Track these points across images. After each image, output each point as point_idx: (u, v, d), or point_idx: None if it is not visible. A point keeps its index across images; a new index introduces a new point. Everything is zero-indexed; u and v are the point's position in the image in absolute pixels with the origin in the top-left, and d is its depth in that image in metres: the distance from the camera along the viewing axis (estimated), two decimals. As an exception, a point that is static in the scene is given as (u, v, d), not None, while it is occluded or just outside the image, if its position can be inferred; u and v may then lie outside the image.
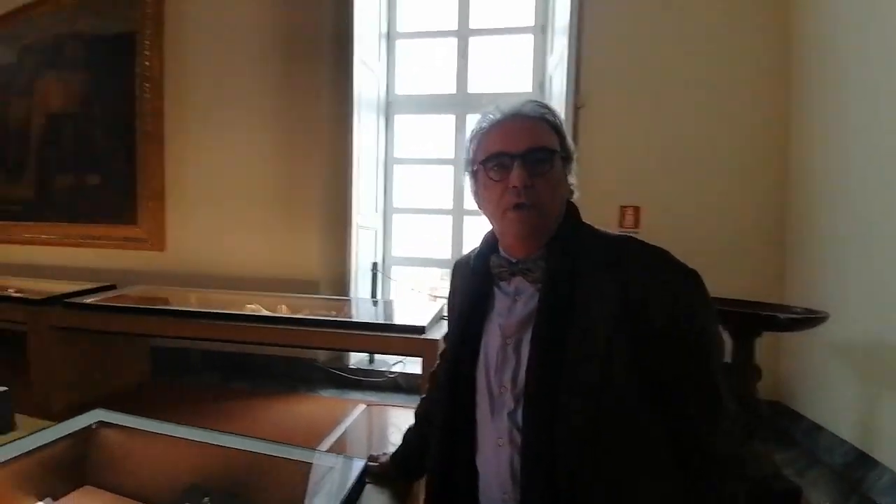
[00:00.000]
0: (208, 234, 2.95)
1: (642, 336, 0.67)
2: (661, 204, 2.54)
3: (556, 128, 0.77)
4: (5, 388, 0.78)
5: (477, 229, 3.41)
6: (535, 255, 0.75)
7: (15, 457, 0.63)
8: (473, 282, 0.81)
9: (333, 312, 2.29)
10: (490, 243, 0.84)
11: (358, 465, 0.74)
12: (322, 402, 2.51)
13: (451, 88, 3.21)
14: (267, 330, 2.04)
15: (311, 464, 0.71)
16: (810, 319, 1.56)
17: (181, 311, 2.27)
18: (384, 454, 1.02)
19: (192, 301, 2.57)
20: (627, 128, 2.58)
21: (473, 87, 3.19)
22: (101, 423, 0.76)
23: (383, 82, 3.16)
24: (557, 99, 2.68)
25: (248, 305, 2.41)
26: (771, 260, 2.44)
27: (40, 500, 0.65)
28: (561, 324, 0.68)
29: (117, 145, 3.04)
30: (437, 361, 0.95)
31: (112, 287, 2.64)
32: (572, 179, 0.78)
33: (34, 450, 0.66)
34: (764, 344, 1.62)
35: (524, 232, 0.74)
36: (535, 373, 0.68)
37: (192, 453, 0.73)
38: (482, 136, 0.77)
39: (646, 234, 2.49)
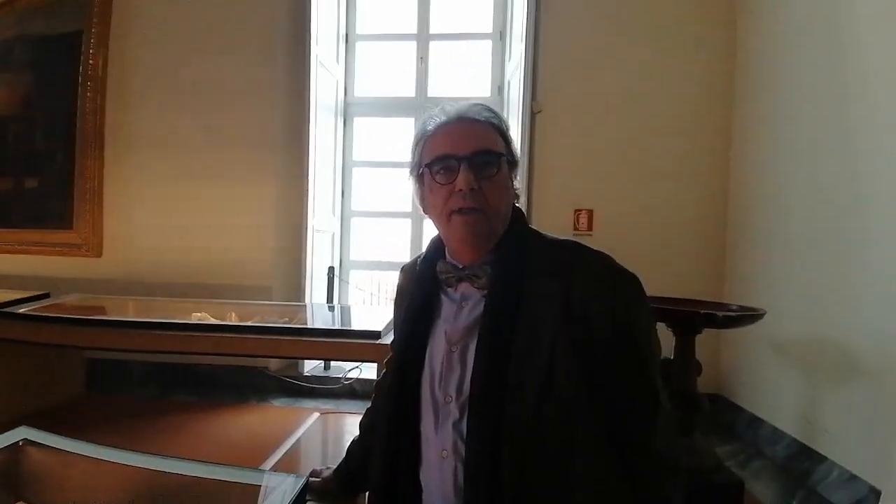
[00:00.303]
0: (151, 240, 2.79)
1: (584, 341, 0.67)
2: (613, 207, 2.61)
3: (501, 132, 0.77)
4: None
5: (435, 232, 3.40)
6: (482, 260, 0.74)
7: None
8: (420, 287, 0.80)
9: (286, 319, 2.21)
10: (437, 248, 0.83)
11: (298, 482, 0.71)
12: (274, 411, 2.41)
13: (411, 92, 3.20)
14: (214, 339, 1.93)
15: (248, 484, 0.67)
16: (747, 317, 1.63)
17: (119, 321, 2.13)
18: (327, 468, 0.98)
19: (132, 310, 2.43)
20: (582, 132, 2.65)
21: (433, 91, 3.19)
22: (27, 441, 0.69)
23: (342, 84, 3.11)
24: (515, 104, 2.72)
25: (195, 314, 2.29)
26: (712, 259, 2.56)
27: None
28: (506, 331, 0.67)
29: (56, 147, 2.85)
30: (383, 370, 0.92)
31: (46, 296, 2.45)
32: (517, 184, 0.79)
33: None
34: (704, 340, 1.68)
35: (470, 237, 0.73)
36: (479, 381, 0.67)
37: (121, 476, 0.67)
38: (427, 138, 0.76)
39: (598, 235, 2.56)
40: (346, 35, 3.15)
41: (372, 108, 3.23)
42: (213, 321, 2.21)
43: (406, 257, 3.10)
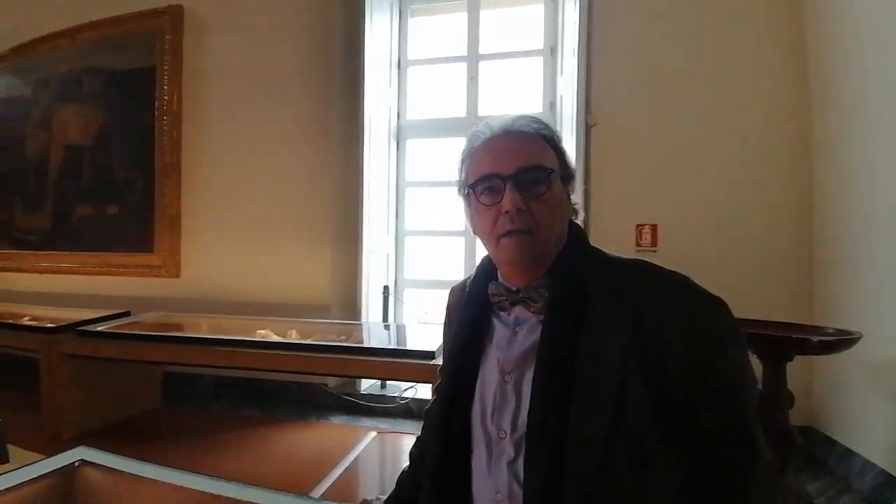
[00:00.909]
0: (222, 261, 2.97)
1: (660, 375, 0.59)
2: (679, 221, 2.47)
3: (553, 144, 0.70)
4: None
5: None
6: (537, 282, 0.68)
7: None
8: (470, 310, 0.74)
9: (343, 337, 2.25)
10: (487, 269, 0.77)
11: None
12: (333, 429, 2.45)
13: (462, 112, 3.23)
14: (276, 356, 2.02)
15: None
16: (844, 341, 1.47)
17: (191, 337, 2.27)
18: (378, 499, 0.95)
19: (205, 327, 2.57)
20: (641, 144, 2.55)
21: (483, 111, 3.21)
22: (84, 462, 0.72)
23: (394, 108, 3.20)
24: (568, 118, 2.67)
25: (259, 331, 2.40)
26: (796, 277, 2.33)
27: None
28: (566, 360, 0.61)
29: (135, 176, 3.11)
30: (433, 397, 0.87)
31: (126, 314, 2.66)
32: (575, 198, 0.72)
33: (15, 486, 0.63)
34: (794, 367, 1.52)
35: (521, 260, 0.68)
36: (536, 419, 0.60)
37: (176, 499, 0.68)
38: (472, 155, 0.70)
39: (664, 252, 2.43)
40: (399, 61, 3.25)
41: (424, 130, 3.29)
42: (275, 338, 2.30)
43: (460, 275, 3.09)
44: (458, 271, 3.11)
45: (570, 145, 2.66)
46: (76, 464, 0.72)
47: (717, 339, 0.62)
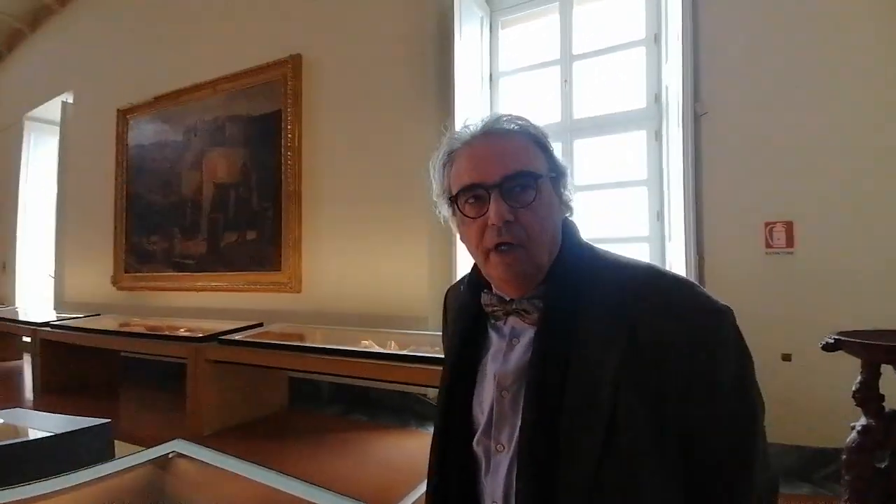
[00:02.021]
0: (334, 276, 3.25)
1: (656, 394, 0.55)
2: (821, 217, 2.07)
3: (538, 142, 0.65)
4: (107, 420, 0.89)
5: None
6: (532, 293, 0.64)
7: (93, 479, 0.71)
8: (463, 319, 0.71)
9: (437, 348, 2.29)
10: (480, 275, 0.73)
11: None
12: (430, 439, 2.49)
13: (556, 117, 3.12)
14: (375, 366, 2.12)
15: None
16: None
17: (302, 346, 2.49)
18: None
19: (318, 338, 2.81)
20: (761, 131, 2.20)
21: (579, 113, 3.07)
22: (177, 454, 0.82)
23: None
24: (675, 109, 2.44)
25: (363, 341, 2.55)
26: None
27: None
28: (556, 381, 0.58)
29: (267, 206, 3.57)
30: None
31: (260, 325, 3.04)
32: (569, 194, 0.67)
33: (113, 474, 0.74)
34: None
35: (512, 277, 0.64)
36: (526, 437, 0.58)
37: (257, 495, 0.74)
38: (452, 162, 0.67)
39: (802, 254, 2.07)
40: (490, 74, 3.27)
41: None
42: (377, 349, 2.43)
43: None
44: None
45: (677, 138, 2.41)
46: (170, 455, 0.82)
47: (716, 358, 0.58)
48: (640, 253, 3.01)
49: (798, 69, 2.14)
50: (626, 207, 3.11)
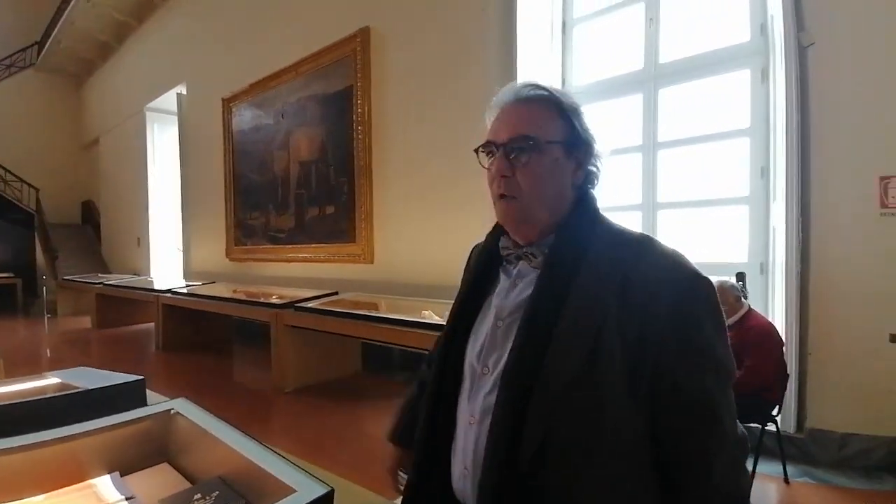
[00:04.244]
0: (402, 248, 3.30)
1: (636, 342, 0.63)
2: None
3: (563, 111, 0.70)
4: (141, 377, 0.98)
5: (671, 224, 2.83)
6: (543, 241, 0.73)
7: (87, 431, 0.78)
8: (482, 261, 0.81)
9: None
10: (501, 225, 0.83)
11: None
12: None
13: (639, 64, 2.78)
14: (430, 336, 2.13)
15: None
16: None
17: (367, 315, 2.58)
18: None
19: (385, 307, 2.90)
20: (881, 67, 1.73)
21: (665, 57, 2.70)
22: (178, 413, 0.88)
23: (558, 75, 2.97)
24: (779, 40, 2.02)
25: (424, 312, 2.57)
26: None
27: (109, 473, 0.79)
28: (550, 313, 0.66)
29: (343, 181, 3.71)
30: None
31: (335, 293, 3.21)
32: (594, 166, 0.72)
33: (113, 426, 0.82)
34: None
35: (509, 222, 0.74)
36: (515, 356, 0.67)
37: (239, 466, 0.77)
38: (491, 119, 0.76)
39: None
40: (563, 22, 2.99)
41: (594, 94, 2.95)
42: (436, 319, 2.43)
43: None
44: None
45: (780, 71, 2.00)
46: (171, 412, 0.88)
47: (696, 319, 0.65)
48: (739, 215, 2.61)
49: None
50: (722, 164, 2.70)
